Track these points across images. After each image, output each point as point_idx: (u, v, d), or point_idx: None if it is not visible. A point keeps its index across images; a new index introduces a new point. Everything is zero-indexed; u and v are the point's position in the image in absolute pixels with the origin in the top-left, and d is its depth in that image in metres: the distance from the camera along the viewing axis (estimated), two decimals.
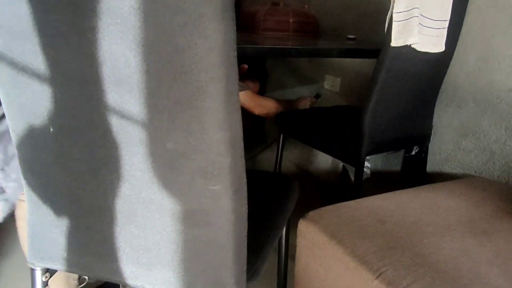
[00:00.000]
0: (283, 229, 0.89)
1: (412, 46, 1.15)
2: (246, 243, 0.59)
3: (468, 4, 1.31)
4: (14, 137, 0.58)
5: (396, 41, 1.12)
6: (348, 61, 1.89)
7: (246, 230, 0.58)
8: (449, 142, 1.44)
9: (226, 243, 0.57)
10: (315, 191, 2.00)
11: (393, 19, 1.10)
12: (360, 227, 0.92)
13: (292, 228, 1.01)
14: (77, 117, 0.53)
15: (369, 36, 1.74)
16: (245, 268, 0.59)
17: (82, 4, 0.45)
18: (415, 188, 1.16)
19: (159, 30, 0.45)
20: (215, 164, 0.52)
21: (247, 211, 0.57)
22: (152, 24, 0.45)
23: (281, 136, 1.55)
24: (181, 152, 0.52)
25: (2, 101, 0.56)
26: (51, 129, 0.55)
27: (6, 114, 0.57)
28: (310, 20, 1.71)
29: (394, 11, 1.10)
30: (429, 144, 1.48)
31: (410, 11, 1.11)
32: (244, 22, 1.78)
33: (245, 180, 0.55)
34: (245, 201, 0.56)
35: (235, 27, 0.46)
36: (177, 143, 0.51)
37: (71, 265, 0.64)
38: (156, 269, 0.60)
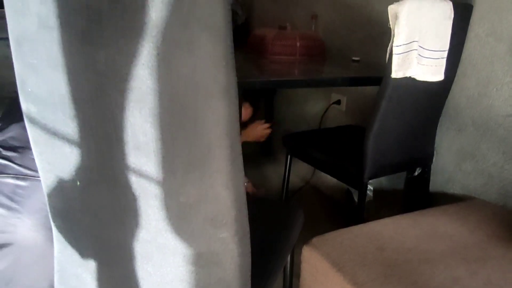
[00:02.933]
0: (287, 257, 0.95)
1: (412, 76, 1.20)
2: (250, 281, 0.66)
3: (468, 32, 1.36)
4: (45, 188, 0.65)
5: (396, 73, 1.17)
6: None
7: (250, 270, 0.65)
8: (451, 164, 1.49)
9: (232, 281, 0.64)
10: (321, 207, 2.06)
11: (393, 52, 1.16)
12: (360, 255, 0.98)
13: (298, 247, 1.07)
14: (102, 173, 0.60)
15: (374, 58, 1.80)
16: None
17: (108, 83, 0.52)
18: (415, 212, 1.21)
19: (172, 105, 0.52)
20: (222, 216, 0.59)
21: (250, 253, 0.64)
22: (166, 100, 0.52)
23: (288, 157, 1.62)
24: (192, 204, 0.59)
25: (35, 157, 0.64)
26: (78, 183, 0.62)
27: (38, 168, 0.65)
28: (317, 44, 1.77)
29: (394, 44, 1.16)
30: (432, 165, 1.52)
31: (409, 44, 1.16)
32: (254, 45, 1.85)
33: (248, 229, 0.62)
34: (248, 246, 0.63)
35: (237, 103, 0.52)
36: (189, 197, 0.58)
37: None
38: None
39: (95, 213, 0.64)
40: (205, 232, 0.60)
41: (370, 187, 1.56)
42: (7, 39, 0.58)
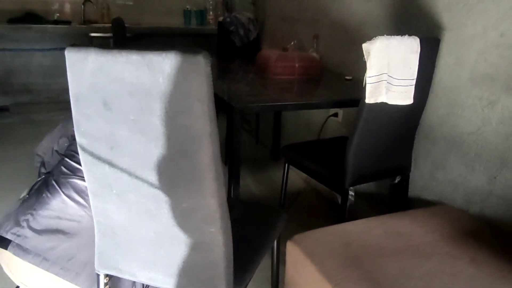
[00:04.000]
0: (268, 248, 1.20)
1: (384, 101, 1.44)
2: (232, 262, 0.92)
3: (438, 60, 1.58)
4: (90, 194, 0.94)
5: (369, 99, 1.41)
6: None
7: (232, 253, 0.91)
8: (426, 173, 1.71)
9: (219, 262, 0.90)
10: (318, 208, 2.30)
11: (367, 82, 1.40)
12: (330, 249, 1.22)
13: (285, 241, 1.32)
14: (130, 184, 0.87)
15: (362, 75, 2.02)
16: (232, 278, 0.93)
17: (135, 127, 0.80)
18: (386, 215, 1.45)
19: (176, 144, 0.79)
20: (211, 216, 0.85)
21: (231, 242, 0.90)
22: (173, 141, 0.78)
23: (286, 165, 1.87)
24: (191, 208, 0.85)
25: (84, 173, 0.92)
26: (114, 190, 0.90)
27: (86, 180, 0.93)
28: (313, 64, 2.01)
29: (367, 75, 1.40)
30: (410, 174, 1.75)
31: (379, 75, 1.40)
32: (260, 64, 2.11)
33: (229, 224, 0.88)
34: (230, 237, 0.89)
35: (218, 144, 0.79)
36: (189, 204, 0.85)
37: (123, 272, 1.00)
38: (173, 277, 0.94)
39: (124, 212, 0.92)
40: (200, 228, 0.87)
41: (351, 192, 1.79)
42: (44, 50, 0.85)
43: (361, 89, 1.42)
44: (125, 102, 0.78)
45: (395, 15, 1.86)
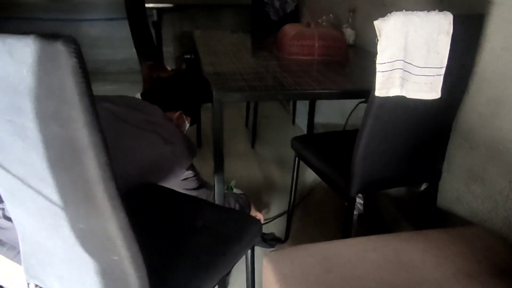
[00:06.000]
0: (228, 267, 1.02)
1: (398, 95, 1.14)
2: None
3: (481, 43, 1.22)
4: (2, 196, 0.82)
5: (379, 91, 1.13)
6: None
7: (147, 284, 0.75)
8: (460, 182, 1.39)
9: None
10: (329, 210, 2.05)
11: (377, 69, 1.11)
12: (306, 275, 1.01)
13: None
14: (26, 193, 0.73)
15: None
16: None
17: (7, 122, 0.64)
18: (392, 234, 1.18)
19: (59, 156, 0.62)
20: (111, 242, 0.68)
21: (145, 272, 0.73)
22: (53, 154, 0.62)
23: (296, 159, 1.64)
24: (89, 231, 0.69)
25: None
26: (16, 197, 0.77)
27: None
28: (338, 44, 1.72)
29: (377, 61, 1.11)
30: (441, 182, 1.43)
31: (392, 62, 1.11)
32: (278, 43, 1.86)
33: (139, 254, 0.71)
34: (142, 266, 0.72)
35: (107, 157, 0.60)
36: (85, 225, 0.69)
37: (46, 284, 0.88)
38: None
39: (32, 223, 0.79)
40: (103, 253, 0.71)
41: (359, 200, 1.52)
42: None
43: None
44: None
45: None
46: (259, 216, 1.87)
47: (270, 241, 1.76)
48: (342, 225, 1.35)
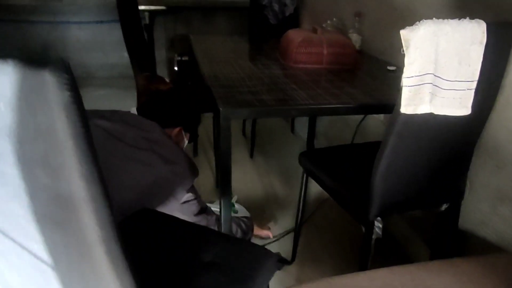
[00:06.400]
0: None
1: (427, 112, 1.04)
2: None
3: None
4: None
5: (405, 108, 1.02)
6: None
7: None
8: (485, 203, 1.29)
9: None
10: (341, 228, 1.94)
11: (403, 84, 1.01)
12: None
13: None
14: (9, 246, 0.60)
15: None
16: None
17: None
18: (418, 265, 1.08)
19: (38, 203, 0.50)
20: None
21: None
22: (31, 194, 0.49)
23: (304, 176, 1.53)
24: None
25: None
26: None
27: None
28: (347, 51, 1.61)
29: (404, 75, 1.00)
30: (463, 202, 1.33)
31: (422, 76, 1.00)
32: (282, 49, 1.75)
33: None
34: None
35: (108, 213, 0.48)
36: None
37: None
38: None
39: (17, 280, 0.66)
40: None
41: (378, 224, 1.41)
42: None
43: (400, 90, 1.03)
44: None
45: None
46: (266, 233, 1.75)
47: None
48: (360, 252, 1.24)
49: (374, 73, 1.58)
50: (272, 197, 2.19)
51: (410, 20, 1.62)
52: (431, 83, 1.00)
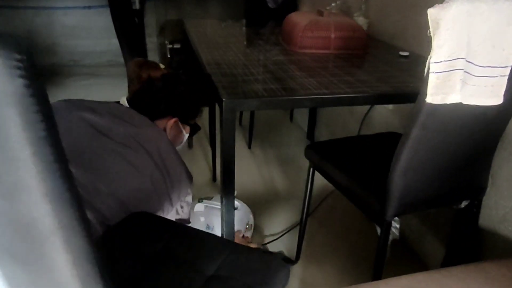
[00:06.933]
0: None
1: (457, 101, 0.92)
2: None
3: None
4: None
5: (432, 97, 0.90)
6: None
7: None
8: (509, 199, 1.18)
9: None
10: (350, 224, 1.83)
11: (431, 69, 0.89)
12: None
13: None
14: None
15: (427, 51, 1.47)
16: None
17: None
18: (443, 271, 0.97)
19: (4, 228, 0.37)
20: None
21: None
22: None
23: (311, 170, 1.41)
24: None
25: None
26: None
27: None
28: (356, 35, 1.48)
29: (432, 60, 0.88)
30: (484, 197, 1.23)
31: (452, 61, 0.88)
32: (286, 34, 1.61)
33: None
34: None
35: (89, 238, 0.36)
36: None
37: None
38: None
39: None
40: None
41: (395, 224, 1.31)
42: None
43: (421, 76, 0.91)
44: None
45: None
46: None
47: None
48: (376, 256, 1.13)
49: (385, 59, 1.46)
50: (272, 191, 2.08)
51: (422, 3, 1.51)
52: (462, 69, 0.89)
